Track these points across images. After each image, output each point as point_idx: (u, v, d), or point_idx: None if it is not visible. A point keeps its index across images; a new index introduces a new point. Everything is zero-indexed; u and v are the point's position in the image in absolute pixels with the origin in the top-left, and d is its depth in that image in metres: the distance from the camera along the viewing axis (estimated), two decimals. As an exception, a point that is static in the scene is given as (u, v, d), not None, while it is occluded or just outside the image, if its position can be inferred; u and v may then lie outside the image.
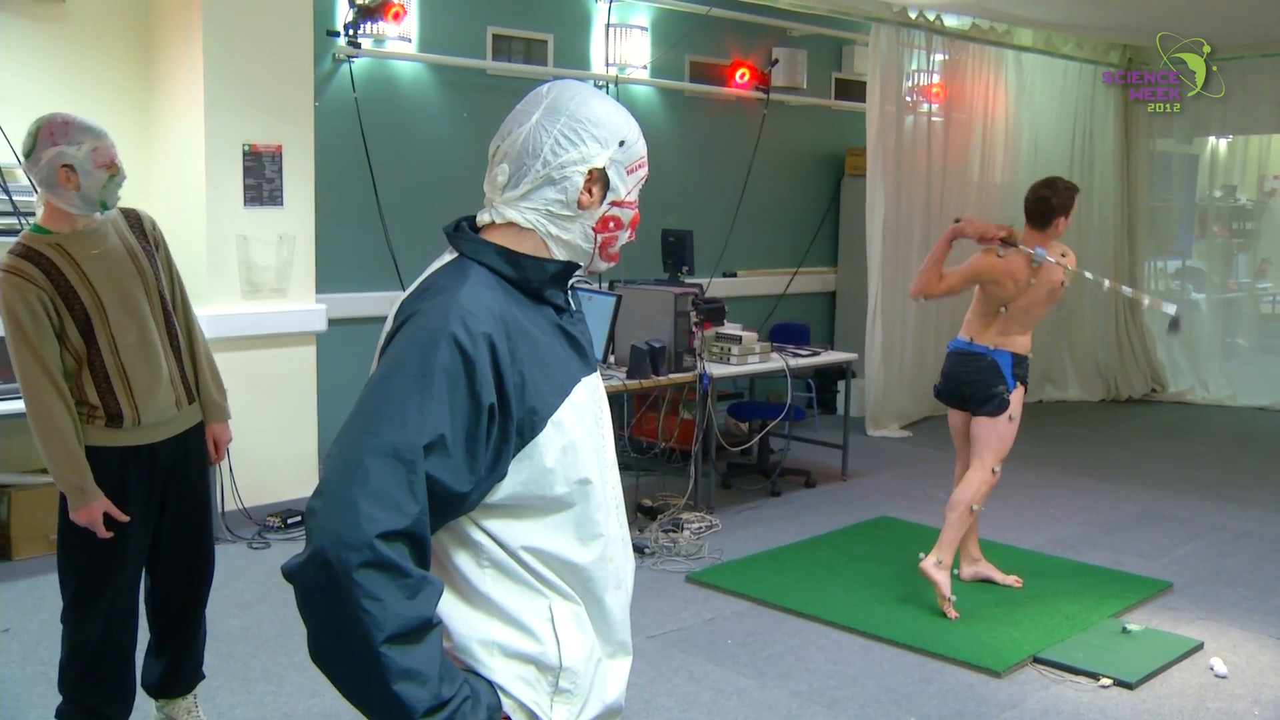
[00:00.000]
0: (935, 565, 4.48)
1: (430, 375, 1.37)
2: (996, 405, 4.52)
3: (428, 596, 1.34)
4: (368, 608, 1.29)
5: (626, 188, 1.56)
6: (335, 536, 1.29)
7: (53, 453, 2.82)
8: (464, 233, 1.56)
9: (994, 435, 4.53)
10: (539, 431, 1.45)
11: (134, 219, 3.05)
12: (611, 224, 1.57)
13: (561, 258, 1.55)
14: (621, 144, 1.55)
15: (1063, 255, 4.52)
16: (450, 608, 1.46)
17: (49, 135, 2.79)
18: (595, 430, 1.55)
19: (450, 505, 1.39)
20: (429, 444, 1.34)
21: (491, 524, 1.46)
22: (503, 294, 1.49)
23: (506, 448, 1.43)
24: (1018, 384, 4.55)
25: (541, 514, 1.48)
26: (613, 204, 1.55)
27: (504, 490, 1.45)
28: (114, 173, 2.86)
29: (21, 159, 2.81)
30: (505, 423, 1.42)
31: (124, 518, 2.89)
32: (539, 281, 1.53)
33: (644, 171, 1.59)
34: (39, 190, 2.84)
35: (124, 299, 2.91)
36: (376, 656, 1.29)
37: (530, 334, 1.48)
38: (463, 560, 1.47)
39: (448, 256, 1.56)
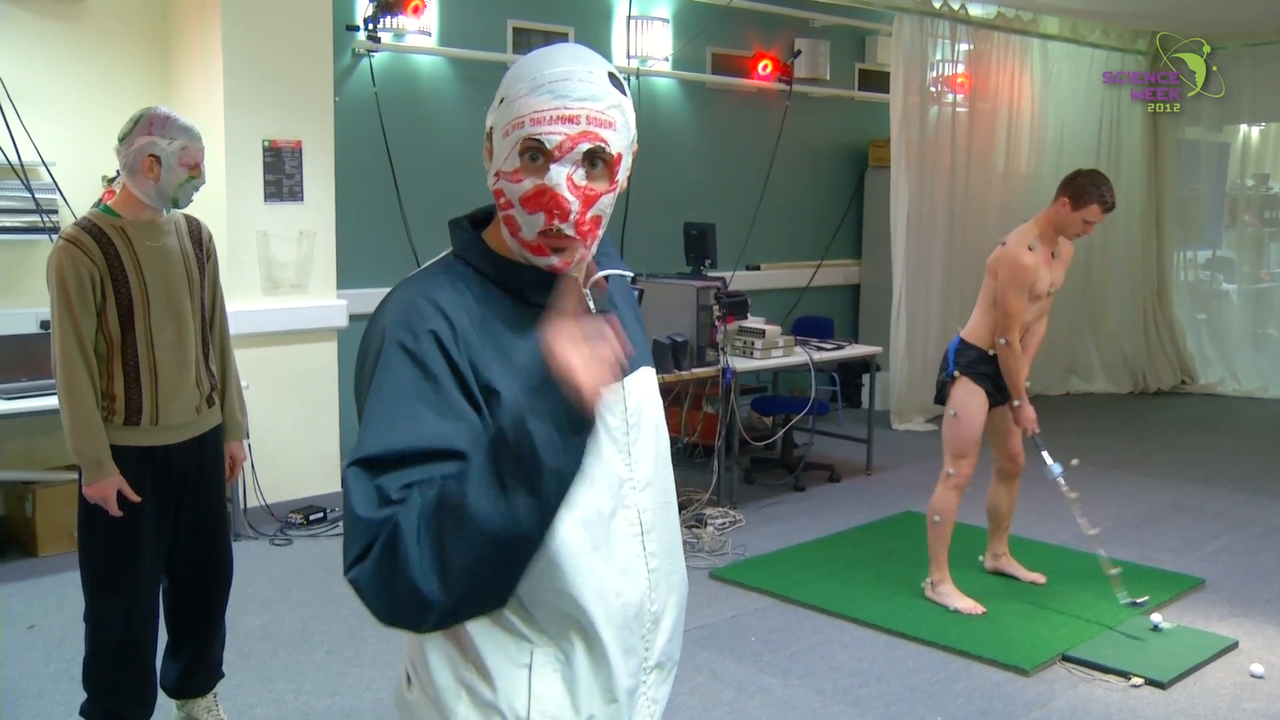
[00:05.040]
0: (930, 587, 4.50)
1: (397, 387, 1.28)
2: (938, 394, 4.51)
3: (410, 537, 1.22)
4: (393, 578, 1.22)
5: (504, 154, 1.33)
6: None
7: (76, 423, 2.84)
8: (459, 226, 1.44)
9: (945, 431, 4.46)
10: None
11: (194, 226, 3.12)
12: (502, 199, 1.35)
13: (514, 250, 1.37)
14: (501, 101, 1.34)
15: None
16: (429, 639, 1.38)
17: (147, 125, 2.90)
18: (590, 454, 1.32)
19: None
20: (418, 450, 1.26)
21: None
22: (479, 294, 1.35)
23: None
24: (959, 373, 4.38)
25: None
26: (496, 174, 1.35)
27: None
28: (195, 175, 2.95)
29: (116, 142, 2.92)
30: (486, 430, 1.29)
31: (136, 497, 2.90)
32: (517, 285, 1.37)
33: (523, 133, 1.30)
34: (121, 173, 2.93)
35: (169, 296, 2.95)
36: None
37: (501, 341, 1.33)
38: None
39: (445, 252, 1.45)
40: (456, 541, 1.20)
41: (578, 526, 1.36)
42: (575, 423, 1.18)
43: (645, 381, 1.51)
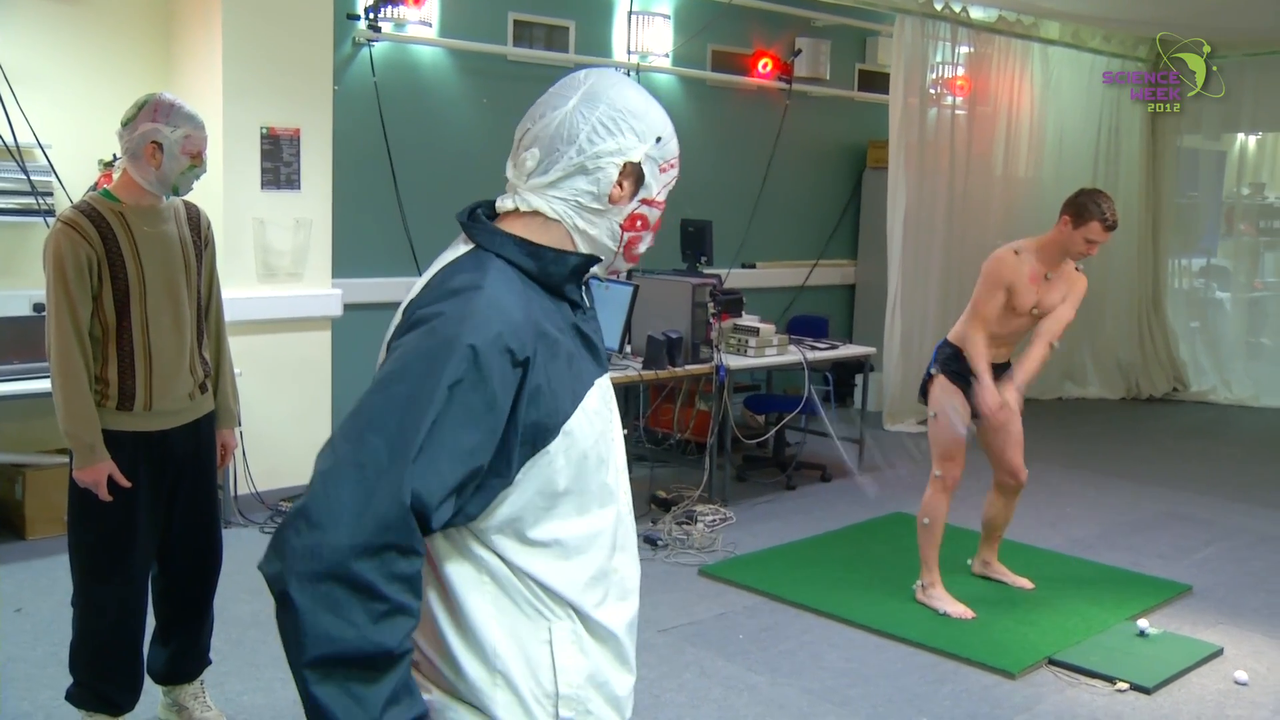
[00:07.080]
0: (921, 590, 4.50)
1: (436, 388, 1.28)
2: (920, 391, 4.56)
3: (395, 625, 1.26)
4: (320, 624, 1.22)
5: (659, 185, 1.51)
6: (314, 543, 1.23)
7: (70, 407, 2.84)
8: (480, 222, 1.47)
9: (929, 432, 4.49)
10: (550, 441, 1.38)
11: (193, 213, 3.11)
12: (639, 223, 1.51)
13: (607, 262, 1.52)
14: (659, 140, 1.50)
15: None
16: (447, 630, 1.40)
17: (152, 111, 2.88)
18: (605, 438, 1.47)
19: (430, 516, 1.30)
20: (415, 457, 1.27)
21: (499, 539, 1.39)
22: (523, 292, 1.41)
23: (508, 461, 1.35)
24: (935, 371, 4.41)
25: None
26: (643, 201, 1.50)
27: (511, 504, 1.37)
28: (196, 163, 2.94)
29: (119, 126, 2.91)
30: (509, 433, 1.34)
31: (126, 483, 2.90)
32: (559, 277, 1.45)
33: (675, 173, 1.54)
34: (122, 158, 2.92)
35: (166, 282, 2.95)
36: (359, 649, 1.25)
37: (550, 336, 1.40)
38: (463, 578, 1.39)
39: (462, 247, 1.46)
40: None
41: (627, 513, 1.53)
42: None
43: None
